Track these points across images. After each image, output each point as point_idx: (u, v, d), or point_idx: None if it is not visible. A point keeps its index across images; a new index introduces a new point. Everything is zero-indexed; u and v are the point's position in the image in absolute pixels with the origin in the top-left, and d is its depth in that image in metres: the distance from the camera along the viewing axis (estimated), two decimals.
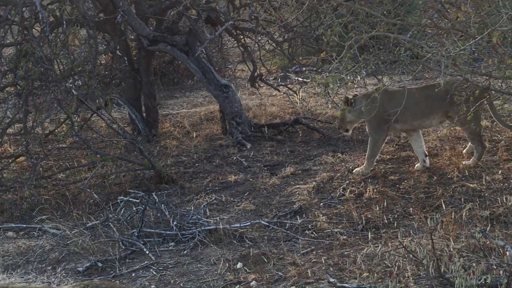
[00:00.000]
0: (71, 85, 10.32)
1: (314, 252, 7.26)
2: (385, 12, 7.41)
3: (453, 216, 7.44)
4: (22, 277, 7.41)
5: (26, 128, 10.33)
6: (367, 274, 6.48)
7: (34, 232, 8.54)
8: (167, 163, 10.40)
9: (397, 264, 6.61)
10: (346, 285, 6.40)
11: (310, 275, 6.72)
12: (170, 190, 9.42)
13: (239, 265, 7.11)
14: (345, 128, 9.49)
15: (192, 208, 8.54)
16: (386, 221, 7.69)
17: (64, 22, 10.11)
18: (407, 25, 7.60)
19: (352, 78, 7.99)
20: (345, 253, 7.14)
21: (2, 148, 11.34)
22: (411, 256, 6.49)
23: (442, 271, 6.17)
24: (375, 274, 6.47)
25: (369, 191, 8.52)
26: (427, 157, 9.13)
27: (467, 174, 8.69)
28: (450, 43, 6.51)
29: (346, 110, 9.28)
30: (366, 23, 7.29)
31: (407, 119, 8.94)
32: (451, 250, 6.70)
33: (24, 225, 8.74)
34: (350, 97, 9.29)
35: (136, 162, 10.02)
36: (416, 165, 9.16)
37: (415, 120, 9.01)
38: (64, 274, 7.38)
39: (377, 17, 7.19)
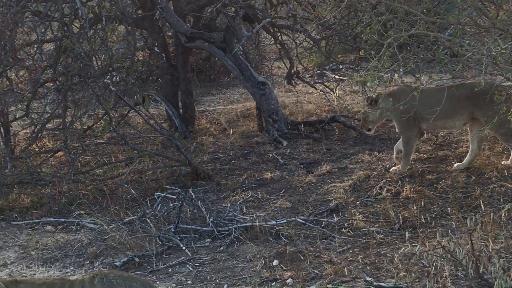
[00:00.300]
0: (109, 81, 10.40)
1: (351, 251, 7.24)
2: (424, 10, 7.36)
3: (491, 217, 7.36)
4: (61, 271, 7.50)
5: (65, 123, 10.45)
6: (404, 273, 6.45)
7: (72, 227, 8.63)
8: (203, 160, 10.43)
9: (434, 264, 6.57)
10: (383, 284, 6.38)
11: (346, 273, 6.71)
12: (207, 186, 9.44)
13: (275, 262, 7.12)
14: (367, 128, 9.49)
15: (229, 204, 8.57)
16: (424, 221, 7.64)
17: (103, 19, 10.20)
18: (447, 23, 7.54)
19: (389, 76, 7.96)
20: (382, 252, 7.11)
21: (41, 143, 11.49)
22: (449, 256, 6.44)
23: (481, 272, 6.12)
24: (412, 274, 6.43)
25: (406, 190, 8.46)
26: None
27: (506, 174, 8.60)
28: (492, 41, 6.44)
29: (369, 109, 9.26)
30: (405, 21, 7.24)
31: (430, 119, 8.87)
32: (490, 251, 6.64)
33: (63, 220, 8.83)
34: (374, 96, 9.26)
35: (173, 158, 10.07)
36: (455, 165, 9.09)
37: (438, 120, 8.87)
38: (101, 268, 7.44)
39: (416, 15, 7.14)
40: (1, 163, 10.47)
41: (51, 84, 10.98)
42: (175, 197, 8.65)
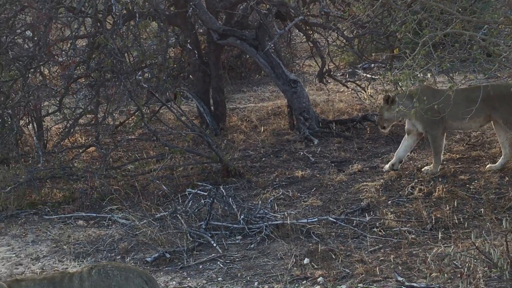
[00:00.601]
0: (140, 77, 10.44)
1: (382, 250, 7.20)
2: (460, 9, 7.29)
3: None
4: None
5: (97, 119, 10.51)
6: (436, 274, 6.41)
7: (104, 222, 8.68)
8: (234, 157, 10.43)
9: (467, 265, 6.51)
10: (415, 284, 6.35)
11: (377, 273, 6.68)
12: (237, 183, 9.44)
13: (306, 260, 7.10)
14: (382, 125, 9.50)
15: (259, 202, 8.56)
16: (456, 221, 7.58)
17: (137, 15, 10.24)
18: (482, 22, 7.47)
19: (422, 75, 7.90)
20: (414, 252, 7.06)
21: (73, 138, 11.58)
22: (483, 257, 6.38)
23: None
24: (445, 275, 6.38)
25: (439, 190, 8.40)
26: None
27: None
28: None
29: (385, 108, 9.27)
30: (440, 20, 7.19)
31: (447, 120, 8.85)
32: None
33: (94, 214, 8.89)
34: (391, 94, 9.26)
35: (204, 155, 10.09)
36: (487, 166, 9.01)
37: (454, 121, 8.91)
38: (133, 264, 7.48)
39: (452, 14, 7.08)
40: (34, 157, 10.58)
41: (83, 80, 11.06)
42: (206, 193, 8.65)
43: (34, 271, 7.44)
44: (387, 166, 9.34)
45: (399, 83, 7.38)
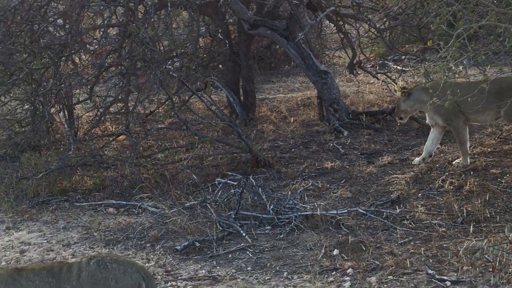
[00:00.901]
0: (170, 67, 10.47)
1: (412, 243, 7.17)
2: (495, 1, 7.22)
3: None
4: (122, 253, 7.59)
5: (128, 107, 10.58)
6: (467, 267, 6.37)
7: (134, 210, 8.73)
8: (263, 147, 10.43)
9: (499, 259, 6.46)
10: (445, 277, 6.31)
11: (407, 265, 6.65)
12: (267, 174, 9.45)
13: (335, 251, 7.09)
14: (399, 116, 9.58)
15: (289, 192, 8.55)
16: (488, 215, 7.52)
17: (168, 4, 10.26)
18: None
19: (456, 68, 7.85)
20: (444, 245, 7.02)
21: (104, 127, 11.65)
22: None
23: None
24: (477, 268, 6.34)
25: (470, 184, 8.34)
26: None
27: None
28: None
29: (402, 99, 9.35)
30: (475, 12, 7.12)
31: (465, 112, 8.85)
32: None
33: (124, 202, 8.94)
34: (408, 86, 9.43)
35: (233, 145, 10.10)
36: None
37: (470, 114, 8.93)
38: (162, 252, 7.52)
39: (487, 6, 7.01)
40: (65, 145, 10.67)
41: (114, 68, 11.11)
42: (235, 183, 8.66)
43: (65, 257, 7.50)
44: (417, 160, 9.30)
45: (433, 75, 7.30)
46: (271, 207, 8.12)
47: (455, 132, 9.08)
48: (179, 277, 6.94)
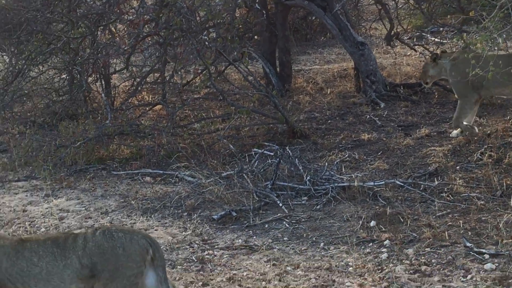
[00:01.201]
0: (206, 37, 10.45)
1: (450, 216, 7.11)
2: None
3: None
4: (159, 221, 7.64)
5: (164, 77, 10.59)
6: (506, 241, 6.31)
7: (170, 179, 8.78)
8: (299, 119, 10.41)
9: None
10: (484, 250, 6.26)
11: (445, 238, 6.60)
12: (303, 145, 9.43)
13: (372, 223, 7.07)
14: (425, 80, 9.63)
15: (326, 164, 8.53)
16: None
17: None
18: None
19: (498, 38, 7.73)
20: (483, 218, 6.95)
21: (140, 96, 11.70)
22: None
23: None
24: None
25: (509, 157, 8.23)
26: None
27: None
28: None
29: (430, 65, 9.39)
30: None
31: (489, 86, 8.77)
32: None
33: (161, 172, 8.98)
34: (438, 53, 9.44)
35: (270, 115, 10.08)
36: None
37: (495, 88, 8.85)
38: (199, 221, 7.56)
39: None
40: (103, 114, 10.74)
41: (151, 38, 11.11)
42: (272, 154, 8.66)
43: (103, 224, 7.57)
44: (455, 132, 9.22)
45: (475, 46, 7.20)
46: (308, 178, 8.11)
47: (460, 105, 9.06)
48: (216, 246, 6.97)
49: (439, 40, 13.52)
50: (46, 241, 4.90)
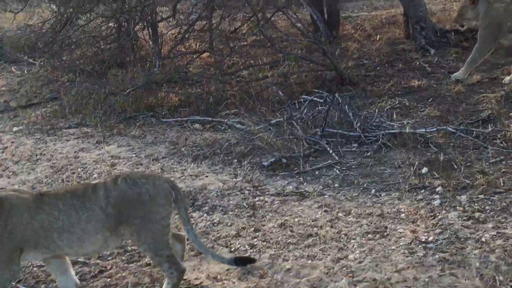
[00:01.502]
0: None
1: (504, 162, 7.01)
2: None
3: None
4: (210, 168, 7.67)
5: (211, 25, 10.53)
6: None
7: (219, 126, 8.79)
8: (348, 65, 10.30)
9: None
10: None
11: (500, 184, 6.52)
12: (352, 92, 9.34)
13: (424, 170, 7.00)
14: (461, 23, 9.55)
15: (376, 111, 8.45)
16: None
17: None
18: None
19: None
20: None
21: (188, 44, 11.67)
22: None
23: None
24: None
25: None
26: None
27: None
28: None
29: (469, 7, 9.21)
30: None
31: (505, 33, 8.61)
32: None
33: (210, 119, 8.99)
34: None
35: (318, 62, 9.99)
36: None
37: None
38: (249, 167, 7.56)
39: None
40: (150, 61, 10.76)
41: None
42: (321, 101, 8.60)
43: (153, 171, 7.63)
44: (507, 78, 9.05)
45: None
46: (358, 124, 8.05)
47: (476, 48, 8.99)
48: (267, 193, 6.98)
49: None
50: (65, 194, 4.84)
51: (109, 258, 5.83)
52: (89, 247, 4.86)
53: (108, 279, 5.52)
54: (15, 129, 9.45)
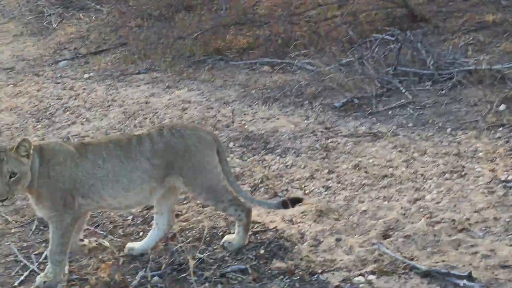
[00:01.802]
0: None
1: None
2: None
3: None
4: (281, 110, 7.61)
5: None
6: None
7: (289, 67, 8.69)
8: (419, 1, 10.00)
9: None
10: None
11: None
12: (424, 29, 9.08)
13: (502, 107, 6.79)
14: None
15: (450, 47, 8.21)
16: None
17: None
18: None
19: None
20: None
21: None
22: None
23: None
24: None
25: None
26: None
27: None
28: None
29: None
30: None
31: None
32: None
33: (279, 60, 8.89)
34: None
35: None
36: None
37: None
38: (321, 109, 7.48)
39: None
40: (217, 4, 10.66)
41: None
42: (393, 39, 8.41)
43: (224, 115, 7.60)
44: None
45: None
46: (431, 62, 7.85)
47: None
48: (339, 134, 6.90)
49: None
50: (108, 144, 4.86)
51: (184, 202, 5.86)
52: (134, 197, 4.87)
53: (184, 223, 5.56)
54: (86, 76, 9.53)
